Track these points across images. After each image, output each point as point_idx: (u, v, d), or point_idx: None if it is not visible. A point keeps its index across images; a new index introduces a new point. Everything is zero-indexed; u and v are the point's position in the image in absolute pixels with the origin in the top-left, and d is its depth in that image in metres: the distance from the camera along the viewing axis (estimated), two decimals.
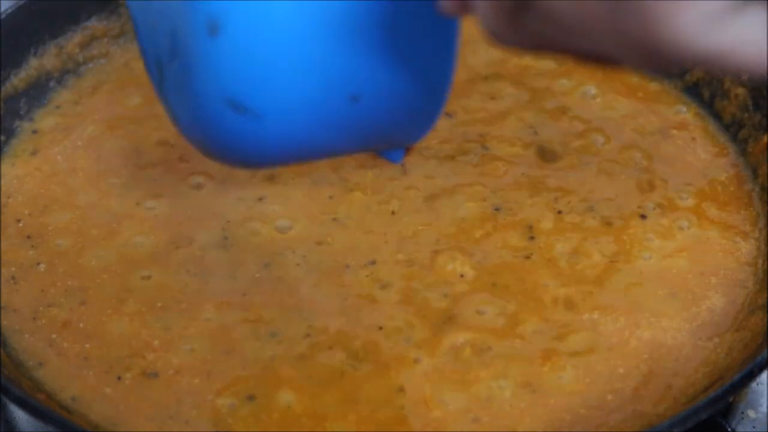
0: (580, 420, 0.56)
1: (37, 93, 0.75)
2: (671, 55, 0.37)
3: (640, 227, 0.66)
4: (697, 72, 0.77)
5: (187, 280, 0.63)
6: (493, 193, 0.68)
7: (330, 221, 0.66)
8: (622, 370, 0.59)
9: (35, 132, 0.73)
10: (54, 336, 0.60)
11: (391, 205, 0.67)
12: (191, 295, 0.62)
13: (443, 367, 0.58)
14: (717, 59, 0.37)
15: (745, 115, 0.73)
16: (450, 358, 0.59)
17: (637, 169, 0.70)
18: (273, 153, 0.49)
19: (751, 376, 0.54)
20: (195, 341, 0.60)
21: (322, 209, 0.67)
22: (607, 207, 0.68)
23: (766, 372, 0.57)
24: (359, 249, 0.65)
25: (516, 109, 0.75)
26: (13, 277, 0.63)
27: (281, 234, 0.66)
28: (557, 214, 0.67)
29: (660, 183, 0.70)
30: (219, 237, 0.65)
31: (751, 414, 0.63)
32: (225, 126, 0.48)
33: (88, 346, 0.59)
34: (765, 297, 0.62)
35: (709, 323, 0.62)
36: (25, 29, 0.74)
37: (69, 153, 0.71)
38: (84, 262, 0.64)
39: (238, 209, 0.67)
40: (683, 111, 0.76)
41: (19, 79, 0.74)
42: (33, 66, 0.74)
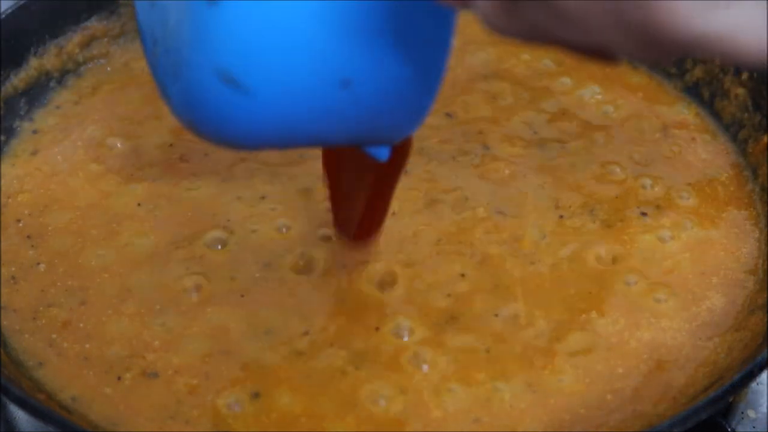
0: (579, 420, 0.56)
1: (37, 93, 0.75)
2: (669, 40, 0.37)
3: (640, 227, 0.66)
4: (697, 72, 0.77)
5: (187, 280, 0.63)
6: (494, 194, 0.68)
7: (330, 221, 0.66)
8: (621, 370, 0.59)
9: (35, 132, 0.73)
10: (54, 336, 0.60)
11: (392, 206, 0.67)
12: (190, 296, 0.62)
13: (444, 368, 0.58)
14: (714, 44, 0.37)
15: (745, 115, 0.73)
16: (451, 358, 0.59)
17: (638, 169, 0.70)
18: (259, 132, 0.50)
19: (751, 376, 0.54)
20: (194, 341, 0.60)
21: (322, 209, 0.67)
22: (608, 206, 0.68)
23: (766, 372, 0.57)
24: (359, 249, 0.65)
25: (516, 109, 0.75)
26: (13, 277, 0.63)
27: (281, 234, 0.66)
28: (558, 214, 0.67)
29: (660, 183, 0.70)
30: (219, 237, 0.65)
31: (751, 414, 0.63)
32: (214, 100, 0.48)
33: (88, 346, 0.59)
34: (765, 297, 0.62)
35: (709, 323, 0.62)
36: (25, 29, 0.74)
37: (69, 153, 0.71)
38: (84, 262, 0.64)
39: (238, 209, 0.67)
40: (683, 111, 0.76)
41: (19, 79, 0.74)
42: (33, 66, 0.74)
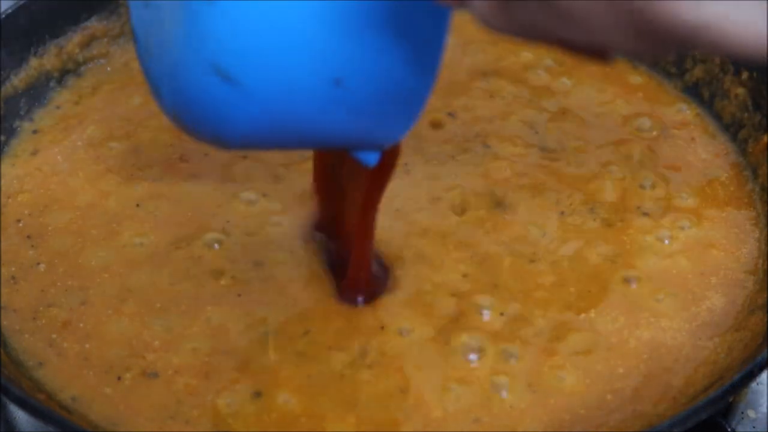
0: (579, 420, 0.56)
1: (37, 93, 0.75)
2: (664, 30, 0.37)
3: (640, 227, 0.66)
4: (697, 72, 0.77)
5: (186, 280, 0.63)
6: (496, 193, 0.68)
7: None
8: (622, 370, 0.59)
9: (35, 132, 0.73)
10: (54, 336, 0.60)
11: (395, 204, 0.67)
12: (190, 296, 0.62)
13: (446, 368, 0.58)
14: (710, 34, 0.37)
15: (745, 115, 0.73)
16: (453, 358, 0.59)
17: (638, 169, 0.70)
18: (251, 130, 0.49)
19: (751, 376, 0.54)
20: (194, 341, 0.59)
21: None
22: (608, 206, 0.68)
23: (766, 372, 0.57)
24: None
25: (517, 109, 0.75)
26: (13, 277, 0.63)
27: (280, 233, 0.66)
28: (559, 213, 0.67)
29: (660, 183, 0.70)
30: (217, 237, 0.65)
31: (751, 414, 0.63)
32: (208, 96, 0.48)
33: (88, 346, 0.59)
34: (765, 297, 0.62)
35: (709, 323, 0.61)
36: (25, 29, 0.74)
37: (69, 153, 0.71)
38: (84, 262, 0.64)
39: (237, 209, 0.67)
40: (683, 111, 0.76)
41: (19, 79, 0.73)
42: (33, 66, 0.74)
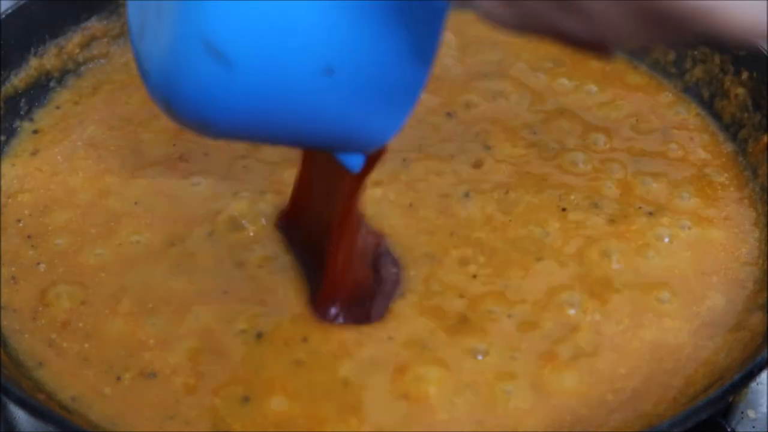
0: (580, 420, 0.56)
1: (37, 93, 0.75)
2: (667, 16, 0.37)
3: (642, 227, 0.66)
4: (697, 72, 0.77)
5: (179, 278, 0.62)
6: (498, 193, 0.68)
7: None
8: (623, 370, 0.59)
9: (35, 132, 0.73)
10: (54, 336, 0.60)
11: (407, 198, 0.67)
12: (182, 295, 0.61)
13: (453, 370, 0.58)
14: (710, 19, 0.37)
15: (745, 115, 0.73)
16: (461, 361, 0.58)
17: (638, 169, 0.70)
18: (235, 114, 0.49)
19: (751, 376, 0.54)
20: (187, 342, 0.59)
21: None
22: (610, 207, 0.68)
23: (766, 372, 0.57)
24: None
25: (517, 109, 0.75)
26: (13, 277, 0.63)
27: (280, 232, 0.65)
28: (562, 213, 0.67)
29: (660, 183, 0.70)
30: (213, 235, 0.65)
31: (751, 414, 0.63)
32: (196, 72, 0.47)
33: (87, 345, 0.59)
34: (765, 297, 0.62)
35: (710, 323, 0.61)
36: (25, 29, 0.74)
37: (69, 153, 0.71)
38: (83, 261, 0.64)
39: (238, 206, 0.67)
40: (683, 111, 0.76)
41: (19, 79, 0.73)
42: (33, 66, 0.74)
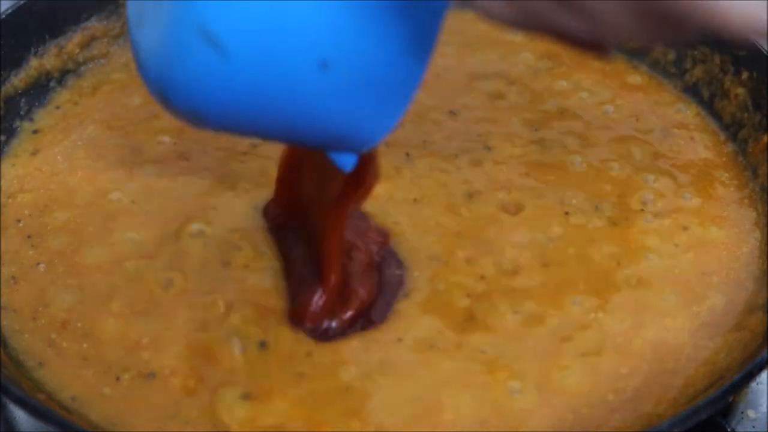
0: (581, 419, 0.56)
1: (37, 93, 0.75)
2: (667, 11, 0.37)
3: (642, 226, 0.66)
4: (697, 72, 0.77)
5: (171, 277, 0.62)
6: (501, 193, 0.68)
7: None
8: (625, 370, 0.59)
9: (35, 132, 0.73)
10: (53, 336, 0.60)
11: (412, 195, 0.67)
12: (174, 295, 0.61)
13: (460, 370, 0.58)
14: (710, 14, 0.37)
15: (745, 115, 0.73)
16: (467, 360, 0.58)
17: (638, 169, 0.70)
18: (228, 105, 0.49)
19: (751, 376, 0.54)
20: (180, 343, 0.59)
21: None
22: (611, 207, 0.68)
23: (765, 372, 0.57)
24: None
25: (518, 109, 0.75)
26: (13, 277, 0.63)
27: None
28: (564, 213, 0.67)
29: (661, 183, 0.70)
30: (205, 231, 0.65)
31: (751, 414, 0.63)
32: (191, 59, 0.47)
33: (85, 345, 0.59)
34: (765, 297, 0.62)
35: (710, 323, 0.61)
36: (25, 29, 0.74)
37: (69, 153, 0.71)
38: (81, 260, 0.64)
39: (233, 204, 0.66)
40: (683, 111, 0.76)
41: (19, 79, 0.73)
42: (33, 66, 0.74)
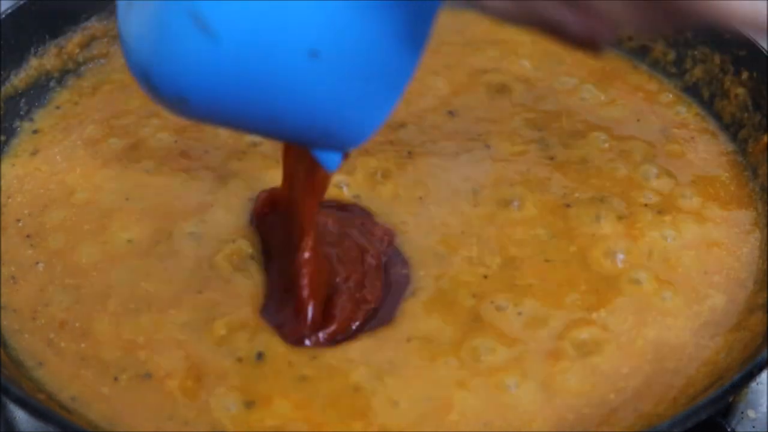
0: (582, 419, 0.56)
1: (37, 93, 0.75)
2: (668, 5, 0.37)
3: (644, 226, 0.66)
4: (697, 72, 0.77)
5: (165, 277, 0.62)
6: (503, 192, 0.68)
7: None
8: (626, 369, 0.59)
9: (35, 132, 0.73)
10: (52, 336, 0.59)
11: (417, 193, 0.67)
12: (168, 295, 0.61)
13: (465, 370, 0.58)
14: (712, 9, 0.37)
15: (745, 115, 0.73)
16: (472, 361, 0.58)
17: (639, 169, 0.70)
18: (215, 93, 0.49)
19: (751, 376, 0.54)
20: (173, 343, 0.58)
21: None
22: (612, 206, 0.67)
23: (766, 372, 0.57)
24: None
25: (518, 108, 0.75)
26: (13, 277, 0.63)
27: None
28: (566, 212, 0.67)
29: (661, 183, 0.70)
30: (196, 231, 0.65)
31: (751, 414, 0.63)
32: (180, 44, 0.47)
33: (83, 345, 0.59)
34: (765, 297, 0.62)
35: (711, 322, 0.61)
36: (25, 29, 0.74)
37: (69, 153, 0.71)
38: (78, 259, 0.63)
39: (231, 203, 0.66)
40: (683, 111, 0.76)
41: (19, 79, 0.73)
42: (33, 66, 0.74)
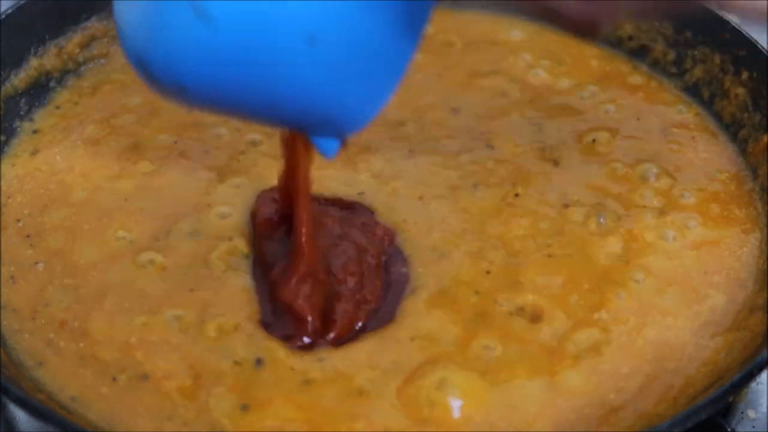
0: (583, 419, 0.56)
1: (37, 93, 0.75)
2: None
3: (645, 226, 0.66)
4: (697, 72, 0.77)
5: (162, 276, 0.62)
6: (504, 192, 0.68)
7: None
8: (626, 369, 0.59)
9: (35, 132, 0.73)
10: (52, 335, 0.59)
11: (417, 191, 0.67)
12: (164, 294, 0.61)
13: (469, 369, 0.58)
14: None
15: (745, 115, 0.73)
16: (475, 360, 0.58)
17: (639, 169, 0.70)
18: (212, 79, 0.48)
19: (751, 376, 0.54)
20: (168, 344, 0.58)
21: None
22: (612, 206, 0.68)
23: (765, 372, 0.57)
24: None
25: (519, 108, 0.75)
26: (13, 277, 0.63)
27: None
28: (566, 212, 0.67)
29: (662, 182, 0.70)
30: (194, 229, 0.65)
31: (751, 414, 0.63)
32: (177, 29, 0.47)
33: (82, 345, 0.59)
34: (765, 297, 0.62)
35: (711, 322, 0.61)
36: (25, 29, 0.74)
37: (69, 153, 0.71)
38: (77, 259, 0.64)
39: (230, 202, 0.67)
40: (683, 111, 0.76)
41: (19, 79, 0.73)
42: (33, 66, 0.74)
